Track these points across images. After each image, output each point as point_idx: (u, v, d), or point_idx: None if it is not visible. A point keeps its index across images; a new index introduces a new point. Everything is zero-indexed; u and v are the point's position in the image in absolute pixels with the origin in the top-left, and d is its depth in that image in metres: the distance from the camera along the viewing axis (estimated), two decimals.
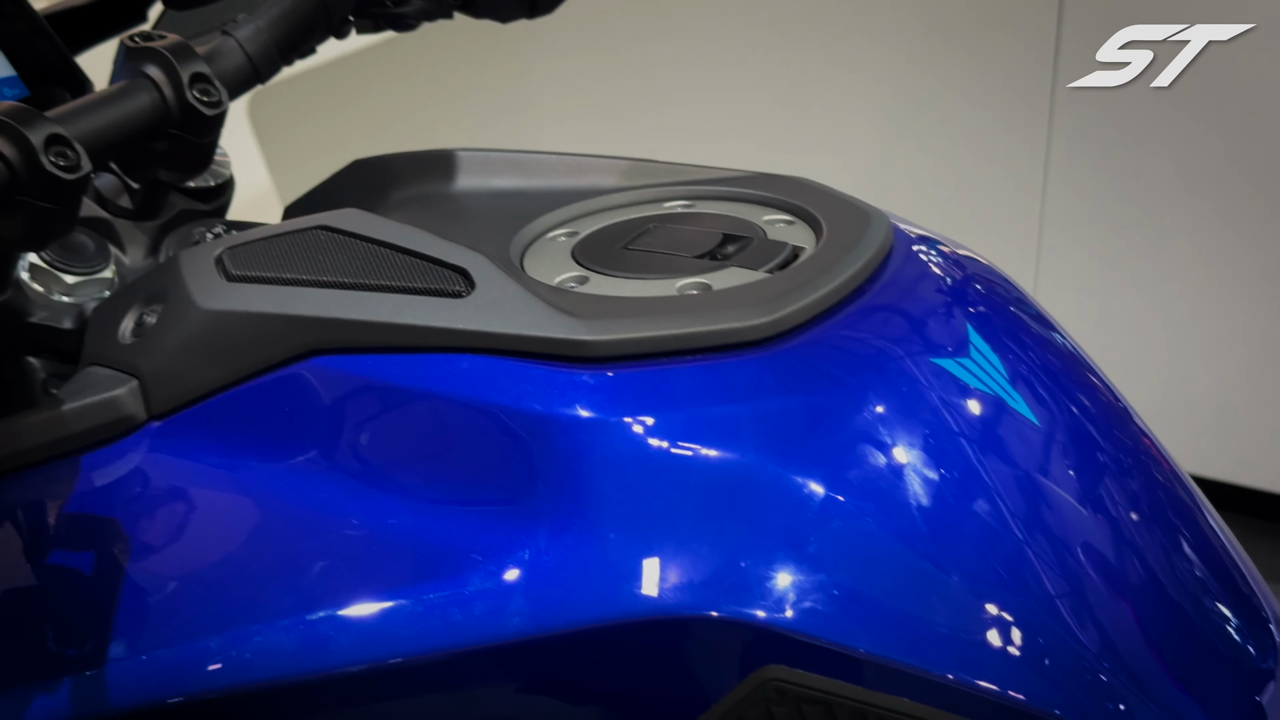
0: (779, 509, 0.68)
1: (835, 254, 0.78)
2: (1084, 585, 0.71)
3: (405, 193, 0.95)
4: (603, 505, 0.68)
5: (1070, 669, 0.68)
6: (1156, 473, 0.82)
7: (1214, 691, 0.72)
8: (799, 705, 0.66)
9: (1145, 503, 0.79)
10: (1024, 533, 0.71)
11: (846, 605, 0.66)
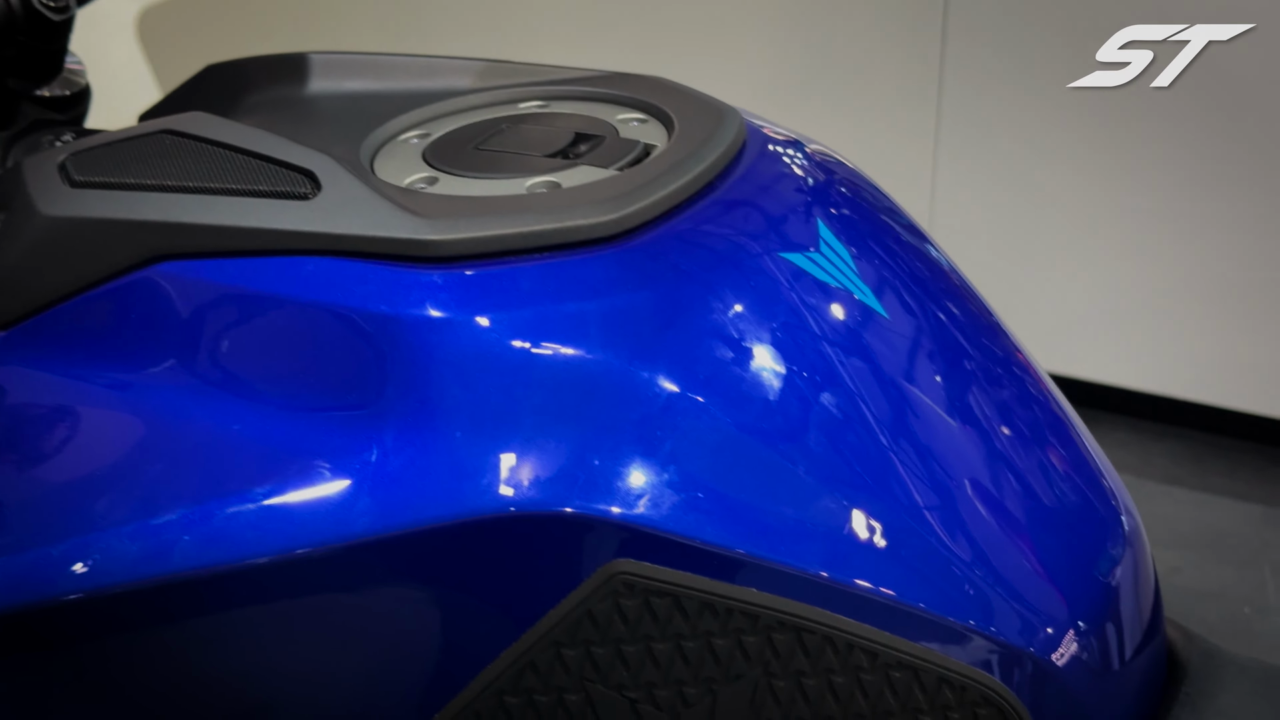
0: (628, 405, 0.68)
1: (686, 150, 0.78)
2: (939, 479, 0.73)
3: (258, 97, 0.94)
4: (450, 405, 0.68)
5: (928, 561, 0.69)
6: (1015, 372, 0.83)
7: (1068, 578, 0.74)
8: (647, 598, 0.67)
9: (1001, 400, 0.81)
10: (876, 428, 0.72)
11: (694, 499, 0.67)
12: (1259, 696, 0.79)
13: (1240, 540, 2.33)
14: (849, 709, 0.68)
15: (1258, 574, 2.25)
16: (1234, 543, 2.33)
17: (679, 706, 0.68)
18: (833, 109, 2.44)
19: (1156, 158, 2.25)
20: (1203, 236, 2.30)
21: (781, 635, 0.67)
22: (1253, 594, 2.21)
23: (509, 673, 0.68)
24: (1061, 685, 0.71)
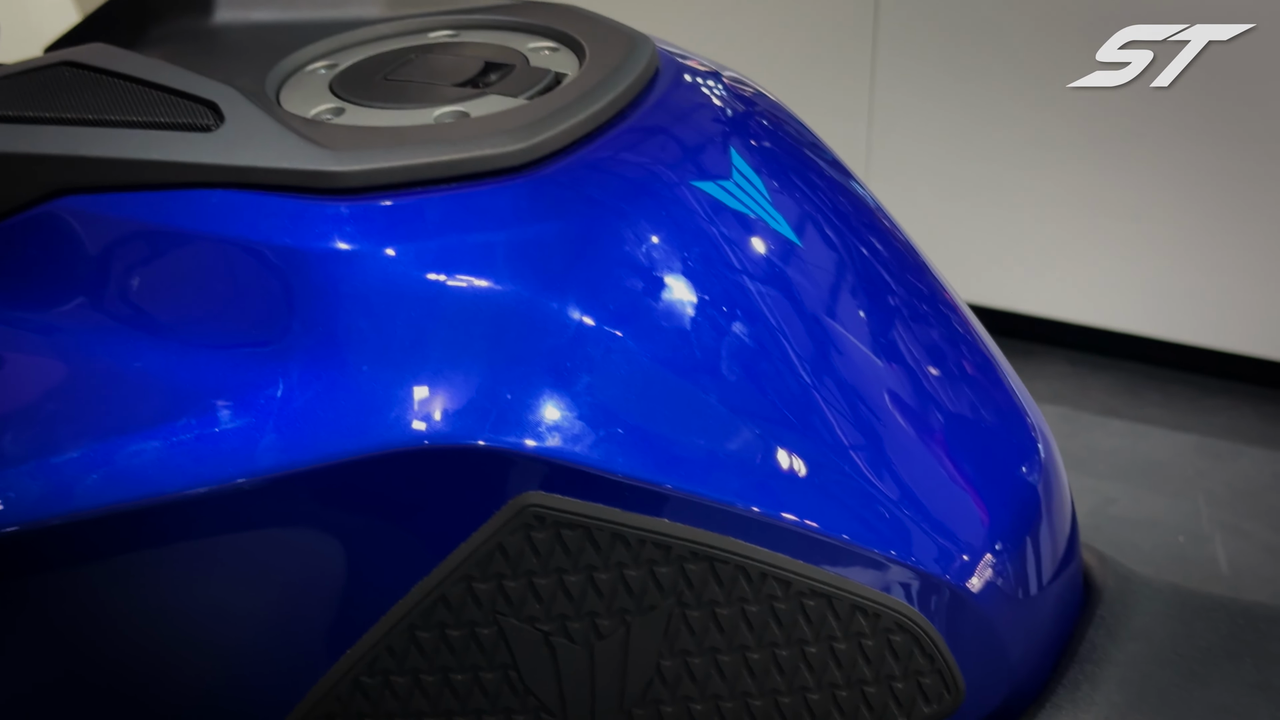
0: (539, 337, 0.68)
1: (597, 78, 0.77)
2: (855, 409, 0.73)
3: (164, 28, 0.92)
4: (357, 339, 0.67)
5: (842, 490, 0.69)
6: (934, 304, 0.83)
7: (984, 505, 0.74)
8: (558, 530, 0.66)
9: (919, 332, 0.80)
10: (793, 359, 0.72)
11: (606, 431, 0.66)
12: (1172, 618, 0.80)
13: (1175, 470, 2.36)
14: (762, 638, 0.69)
15: (1191, 503, 2.27)
16: (1168, 473, 2.36)
17: (592, 638, 0.68)
18: (768, 51, 2.43)
19: (1090, 94, 2.25)
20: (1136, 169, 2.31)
21: (694, 565, 0.67)
22: (1186, 523, 2.24)
23: (420, 607, 0.68)
24: (976, 610, 0.71)
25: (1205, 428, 2.45)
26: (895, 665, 0.69)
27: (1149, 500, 2.29)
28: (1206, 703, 0.74)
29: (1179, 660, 0.76)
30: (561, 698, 0.69)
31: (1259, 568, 2.15)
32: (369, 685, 0.69)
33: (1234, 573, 2.13)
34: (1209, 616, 0.80)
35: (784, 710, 0.70)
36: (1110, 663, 0.76)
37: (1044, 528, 0.78)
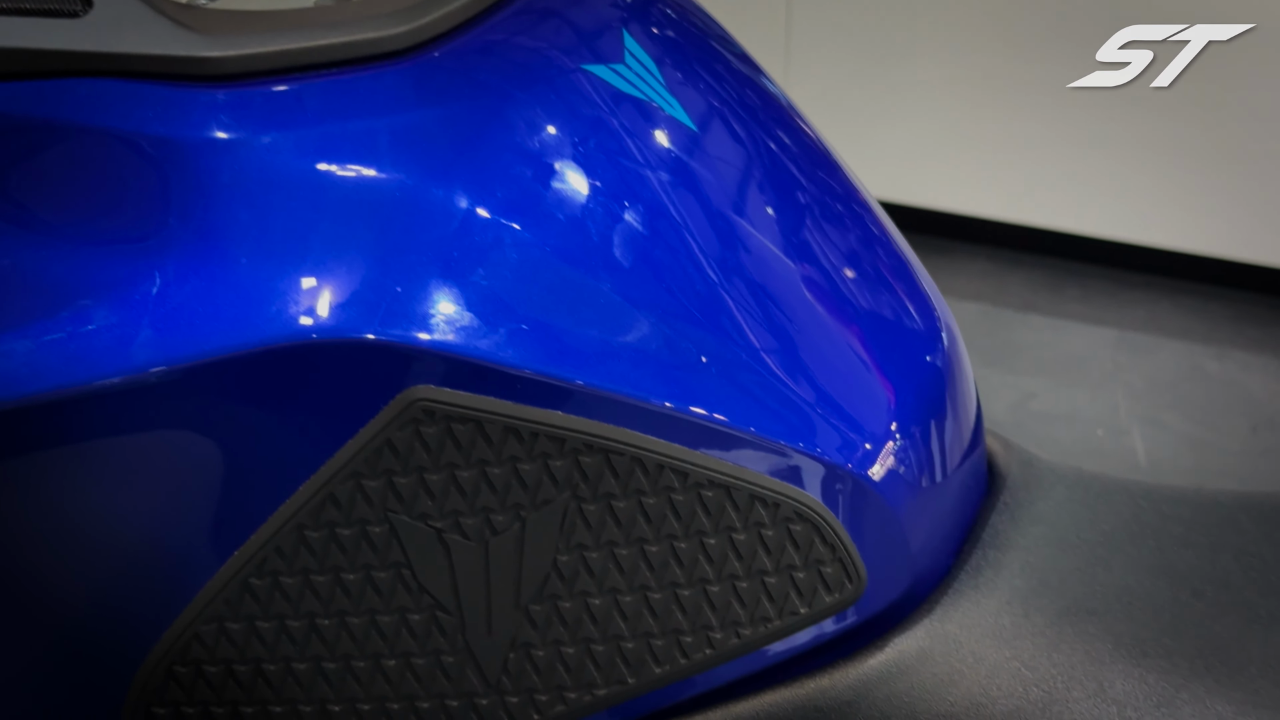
0: (426, 227, 0.66)
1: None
2: (754, 298, 0.71)
3: None
4: (237, 231, 0.65)
5: (739, 380, 0.68)
6: (840, 197, 0.82)
7: (885, 395, 0.74)
8: (448, 424, 0.65)
9: (824, 223, 0.79)
10: (692, 248, 0.70)
11: (496, 322, 0.65)
12: (1074, 501, 0.80)
13: (1094, 364, 2.37)
14: (660, 530, 0.68)
15: (1110, 396, 2.29)
16: (1087, 367, 2.37)
17: (487, 534, 0.67)
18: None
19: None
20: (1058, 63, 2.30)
21: (589, 458, 0.66)
22: (1106, 416, 2.26)
23: (309, 506, 0.66)
24: (878, 499, 0.70)
25: (1124, 322, 2.46)
26: (796, 555, 0.69)
27: (1068, 395, 2.30)
28: (1108, 585, 0.74)
29: (1081, 544, 0.76)
30: (456, 595, 0.68)
31: (1177, 459, 2.17)
32: (258, 587, 0.67)
33: (1152, 464, 2.15)
34: (1111, 500, 0.80)
35: (683, 603, 0.69)
36: (1013, 548, 0.76)
37: (947, 416, 0.77)
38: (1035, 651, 0.70)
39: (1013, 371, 2.35)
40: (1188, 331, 2.44)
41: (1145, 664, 0.70)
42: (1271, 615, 0.72)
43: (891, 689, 0.70)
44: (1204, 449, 2.18)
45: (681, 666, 0.70)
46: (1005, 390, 2.30)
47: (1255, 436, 2.19)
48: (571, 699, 0.70)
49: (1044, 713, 0.68)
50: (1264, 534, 0.77)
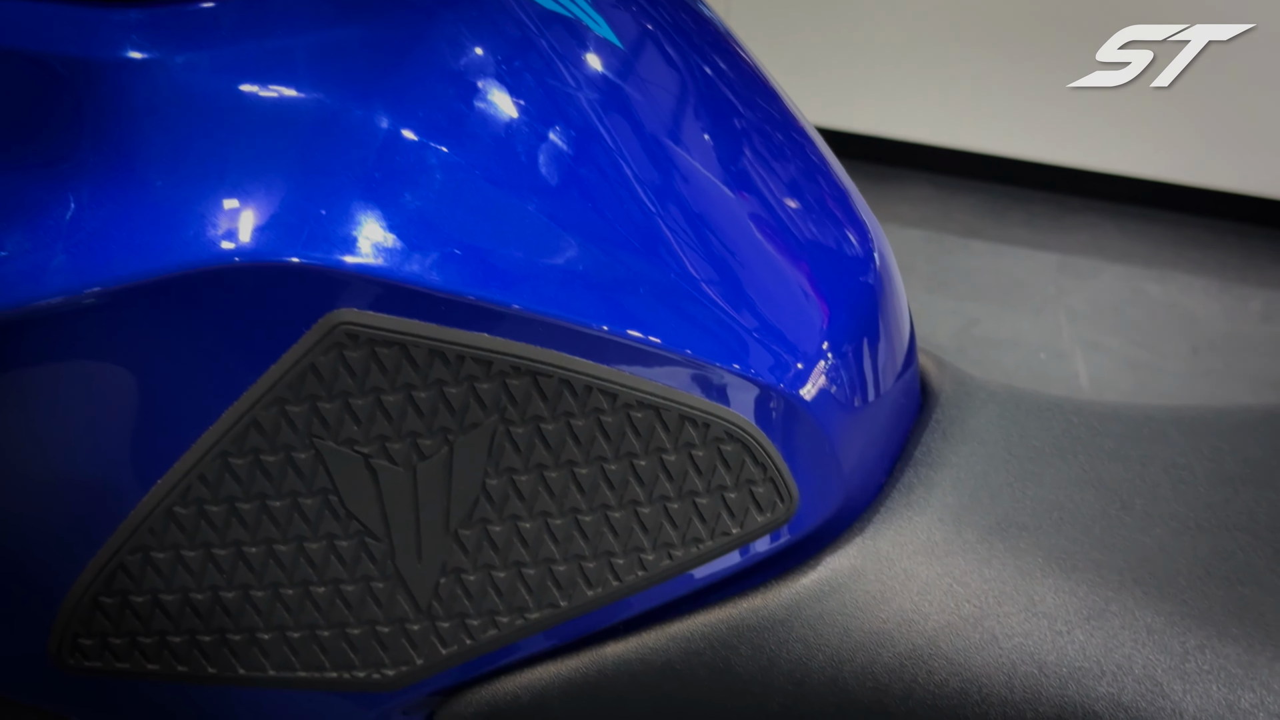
0: (347, 147, 0.64)
1: None
2: (684, 217, 0.71)
3: None
4: (153, 154, 0.64)
5: (669, 299, 0.68)
6: (774, 120, 0.81)
7: (817, 315, 0.73)
8: (373, 348, 0.64)
9: (757, 144, 0.79)
10: (623, 168, 0.69)
11: (421, 244, 0.64)
12: (1006, 418, 0.80)
13: (1037, 288, 2.39)
14: (590, 452, 0.67)
15: (1053, 320, 2.30)
16: (1031, 291, 2.38)
17: (414, 458, 0.67)
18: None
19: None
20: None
21: (517, 380, 0.65)
22: (1048, 340, 2.27)
23: (232, 433, 0.65)
24: (810, 418, 0.70)
25: (1067, 246, 2.47)
26: (727, 475, 0.68)
27: (1012, 319, 2.31)
28: (1039, 499, 0.74)
29: (1012, 460, 0.76)
30: (385, 520, 0.68)
31: (1118, 381, 2.19)
32: (183, 515, 0.67)
33: (1094, 387, 2.17)
34: (1043, 416, 0.80)
35: (614, 525, 0.69)
36: (945, 465, 0.76)
37: (880, 336, 0.77)
38: (967, 567, 0.71)
39: (956, 297, 2.36)
40: (1130, 255, 2.45)
41: (1075, 577, 0.70)
42: (1199, 526, 0.73)
43: (824, 607, 0.70)
44: (1145, 371, 2.19)
45: (614, 589, 0.70)
46: (949, 316, 2.31)
47: (1196, 358, 2.21)
48: (503, 623, 0.70)
49: (975, 627, 0.69)
50: (1192, 446, 0.78)
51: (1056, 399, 0.83)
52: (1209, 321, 2.33)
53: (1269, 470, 0.77)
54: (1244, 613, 0.69)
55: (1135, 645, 0.68)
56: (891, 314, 0.79)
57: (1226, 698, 0.66)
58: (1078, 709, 0.67)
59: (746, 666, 0.71)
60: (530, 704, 0.73)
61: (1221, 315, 2.34)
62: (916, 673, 0.69)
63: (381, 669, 0.71)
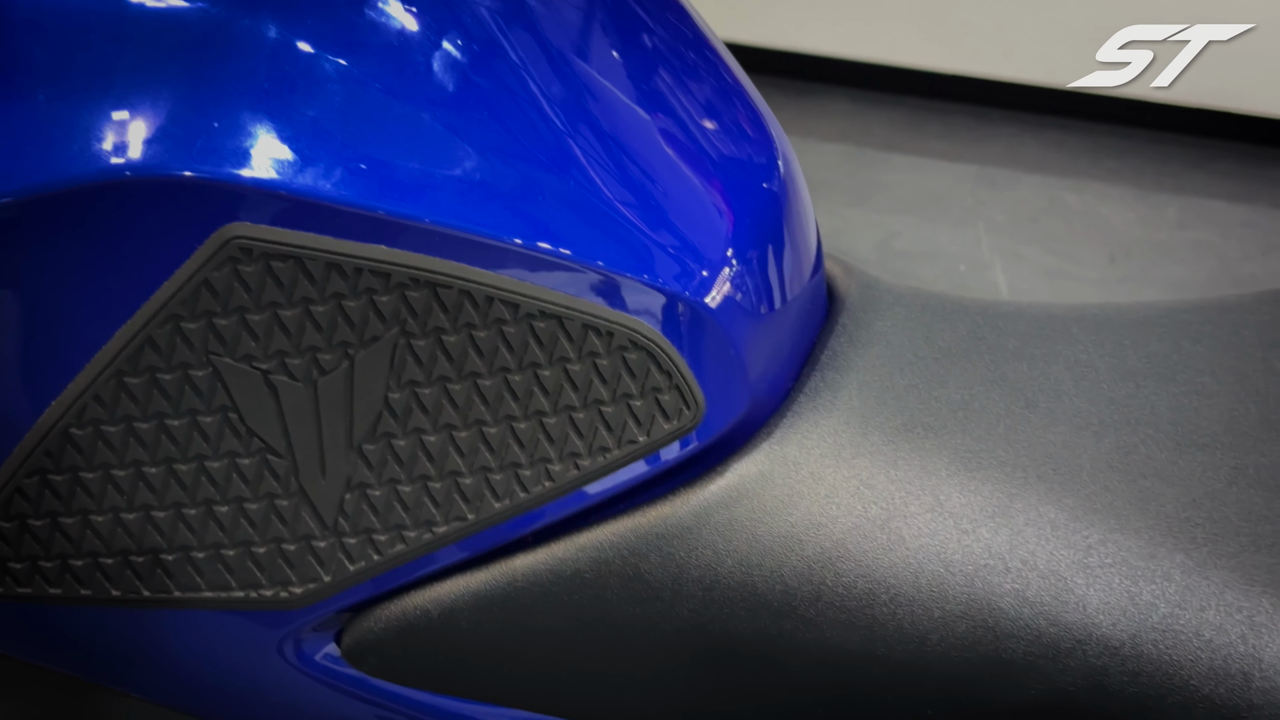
0: (237, 58, 0.63)
1: None
2: (587, 125, 0.70)
3: None
4: (35, 66, 0.62)
5: (570, 208, 0.67)
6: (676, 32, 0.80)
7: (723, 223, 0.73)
8: (267, 262, 0.63)
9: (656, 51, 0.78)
10: (517, 74, 0.68)
11: (314, 155, 0.63)
12: (911, 321, 0.80)
13: (955, 200, 2.39)
14: (493, 363, 0.67)
15: (972, 232, 2.31)
16: (950, 203, 2.39)
17: (314, 373, 0.66)
18: None
19: None
20: None
21: (416, 292, 0.64)
22: (968, 252, 2.28)
23: (126, 352, 0.64)
24: (715, 325, 0.70)
25: (985, 157, 2.48)
26: (632, 384, 0.68)
27: (931, 232, 2.32)
28: (944, 400, 0.74)
29: (918, 362, 0.77)
30: (287, 437, 0.67)
31: (1037, 290, 2.20)
32: (80, 437, 0.65)
33: (1014, 296, 2.18)
34: (948, 318, 0.80)
35: (520, 436, 0.68)
36: (851, 369, 0.76)
37: (785, 243, 0.77)
38: (873, 469, 0.71)
39: (877, 211, 2.36)
40: (1046, 164, 2.46)
41: (980, 476, 0.71)
42: (1101, 422, 0.73)
43: (732, 513, 0.70)
44: (1064, 279, 2.21)
45: (521, 500, 0.70)
46: (870, 229, 2.31)
47: (1113, 265, 2.23)
48: (411, 537, 0.70)
49: (882, 528, 0.69)
50: (1095, 343, 0.78)
51: (962, 300, 0.83)
52: (1125, 229, 2.35)
53: (1170, 365, 0.78)
54: (1145, 505, 0.70)
55: (1039, 541, 0.69)
56: (797, 221, 0.79)
57: (1128, 589, 0.67)
58: (983, 605, 0.68)
59: (656, 574, 0.71)
60: (440, 618, 0.73)
61: (1138, 223, 2.36)
62: (825, 575, 0.70)
63: (289, 587, 0.71)
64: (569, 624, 0.73)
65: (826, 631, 0.70)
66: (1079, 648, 0.67)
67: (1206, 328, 0.80)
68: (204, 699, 0.79)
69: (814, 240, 0.82)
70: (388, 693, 0.77)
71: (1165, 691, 0.66)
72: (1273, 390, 0.76)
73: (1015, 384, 0.76)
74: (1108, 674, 0.66)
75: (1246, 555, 0.67)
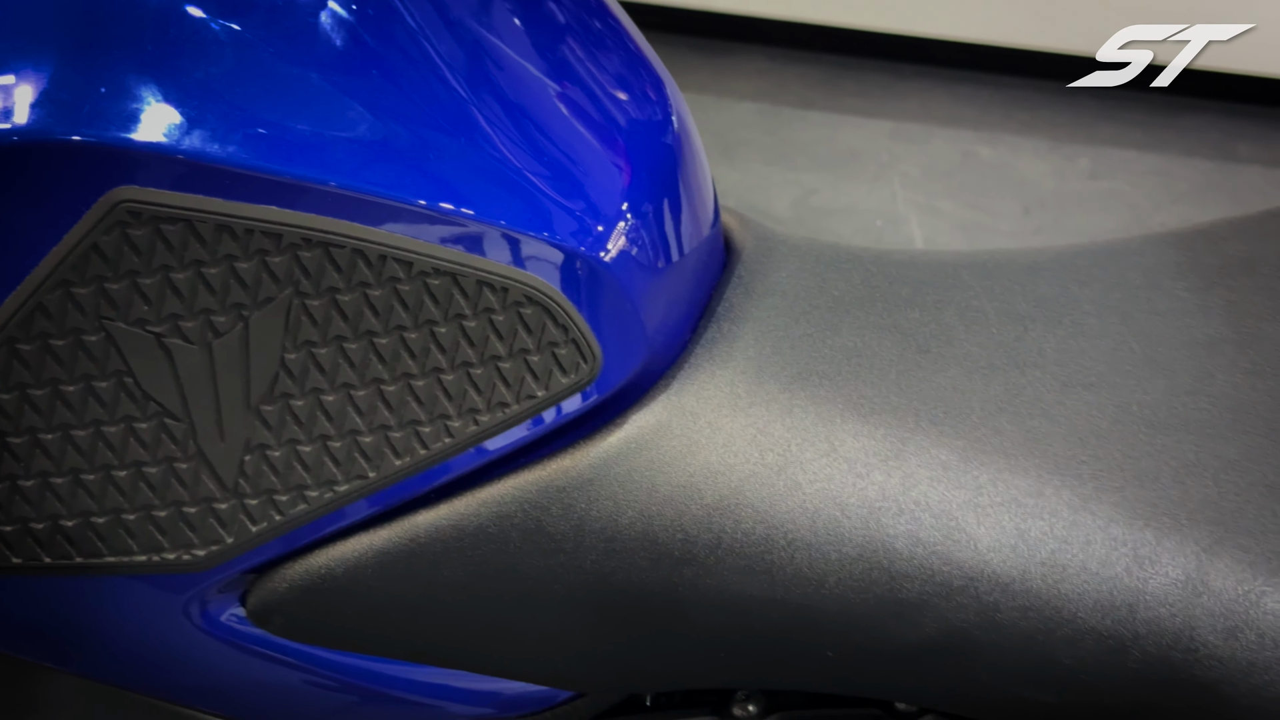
0: (121, 19, 0.63)
1: None
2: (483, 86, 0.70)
3: None
4: None
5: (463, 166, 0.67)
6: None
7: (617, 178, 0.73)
8: (157, 225, 0.63)
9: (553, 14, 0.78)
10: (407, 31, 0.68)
11: (201, 117, 0.62)
12: (806, 271, 0.81)
13: (871, 157, 2.41)
14: (389, 321, 0.67)
15: (887, 187, 2.33)
16: (865, 160, 2.41)
17: (209, 336, 0.66)
18: None
19: None
20: None
21: (309, 252, 0.65)
22: (884, 207, 2.30)
23: (16, 319, 0.64)
24: (611, 279, 0.70)
25: (899, 113, 2.50)
26: (529, 339, 0.69)
27: (848, 188, 2.34)
28: (838, 348, 0.75)
29: (813, 311, 0.78)
30: (184, 401, 0.67)
31: (952, 243, 2.23)
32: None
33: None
34: (843, 268, 0.81)
35: (418, 394, 0.69)
36: (747, 320, 0.77)
37: (680, 196, 0.78)
38: (769, 417, 0.72)
39: (794, 168, 2.38)
40: (960, 119, 2.48)
41: (874, 420, 0.72)
42: (991, 365, 0.75)
43: (632, 463, 0.71)
44: (979, 231, 2.24)
45: (422, 457, 0.70)
46: (787, 187, 2.32)
47: (1027, 217, 2.26)
48: (312, 497, 0.70)
49: (779, 475, 0.70)
50: (985, 289, 0.80)
51: (857, 250, 0.84)
52: (1038, 180, 2.37)
53: (1057, 307, 0.79)
54: (1033, 445, 0.71)
55: (931, 482, 0.70)
56: (692, 175, 0.80)
57: (1017, 526, 0.69)
58: (878, 546, 0.69)
59: (558, 526, 0.72)
60: (344, 576, 0.73)
61: (1050, 174, 2.39)
62: (724, 522, 0.71)
63: (191, 550, 0.71)
64: (473, 578, 0.73)
65: (727, 577, 0.71)
66: (971, 585, 0.68)
67: (1093, 271, 0.82)
68: (113, 666, 0.79)
69: (710, 195, 0.83)
70: (294, 651, 0.77)
71: (1054, 625, 0.67)
72: (1155, 330, 0.78)
73: (907, 330, 0.77)
74: (999, 609, 0.68)
75: (1130, 490, 0.69)
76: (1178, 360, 0.75)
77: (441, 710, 0.82)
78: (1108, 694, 0.68)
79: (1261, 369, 0.74)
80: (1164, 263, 0.82)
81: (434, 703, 0.82)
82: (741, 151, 2.40)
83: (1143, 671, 0.66)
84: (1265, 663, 0.64)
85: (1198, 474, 0.69)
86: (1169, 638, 0.66)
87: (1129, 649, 0.66)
